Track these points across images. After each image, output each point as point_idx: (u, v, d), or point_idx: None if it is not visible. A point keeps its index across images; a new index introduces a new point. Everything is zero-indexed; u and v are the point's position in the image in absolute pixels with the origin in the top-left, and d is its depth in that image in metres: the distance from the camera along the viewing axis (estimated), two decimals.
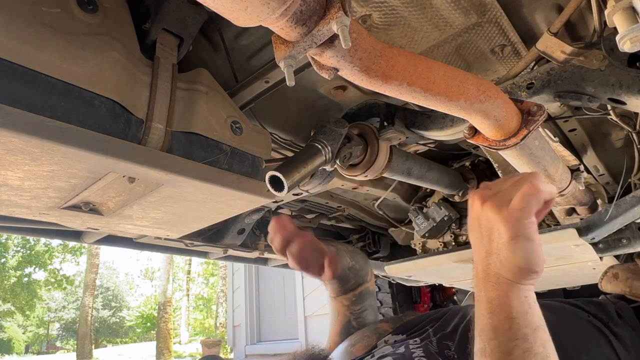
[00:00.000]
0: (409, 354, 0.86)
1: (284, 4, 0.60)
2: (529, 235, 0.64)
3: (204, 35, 1.36)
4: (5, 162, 0.96)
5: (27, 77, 0.89)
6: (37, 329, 32.81)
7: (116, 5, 1.09)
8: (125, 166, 1.03)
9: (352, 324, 1.21)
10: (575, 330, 1.02)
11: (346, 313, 1.22)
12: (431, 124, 1.45)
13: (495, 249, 0.66)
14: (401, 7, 1.15)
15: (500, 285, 0.65)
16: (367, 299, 1.24)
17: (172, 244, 2.03)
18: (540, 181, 0.68)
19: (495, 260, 0.66)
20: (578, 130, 1.74)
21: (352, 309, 1.22)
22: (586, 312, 1.10)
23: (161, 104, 1.13)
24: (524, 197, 0.65)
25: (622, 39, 0.78)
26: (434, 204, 2.12)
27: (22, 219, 1.38)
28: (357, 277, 1.24)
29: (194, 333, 26.88)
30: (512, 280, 0.64)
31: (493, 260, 0.66)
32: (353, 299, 1.23)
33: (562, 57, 1.15)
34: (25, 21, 0.90)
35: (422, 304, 3.78)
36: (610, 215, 1.58)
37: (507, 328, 0.62)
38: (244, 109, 1.43)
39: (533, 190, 0.66)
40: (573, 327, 1.03)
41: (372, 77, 0.77)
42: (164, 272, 14.69)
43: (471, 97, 0.91)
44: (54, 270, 23.31)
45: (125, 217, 1.37)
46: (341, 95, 1.56)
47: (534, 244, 0.64)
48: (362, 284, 1.25)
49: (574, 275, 2.39)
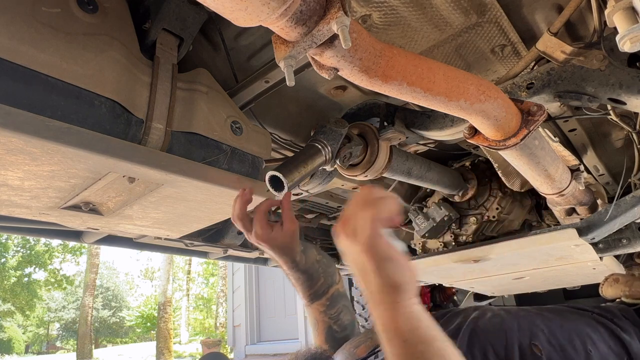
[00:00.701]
0: None
1: (284, 4, 0.60)
2: (386, 256, 0.67)
3: (204, 35, 1.36)
4: (5, 162, 0.95)
5: (27, 77, 0.89)
6: (37, 329, 32.81)
7: (116, 5, 1.09)
8: (125, 166, 1.03)
9: (333, 328, 1.22)
10: (578, 324, 1.02)
11: (325, 319, 1.23)
12: (431, 124, 1.45)
13: (369, 279, 0.67)
14: (401, 7, 1.15)
15: (386, 312, 0.65)
16: (340, 301, 1.26)
17: (172, 244, 2.03)
18: (378, 197, 0.70)
19: (373, 289, 0.67)
20: (578, 130, 1.74)
21: (329, 314, 1.23)
22: (590, 312, 1.10)
23: (161, 104, 1.13)
24: (370, 224, 0.68)
25: (622, 39, 0.78)
26: (434, 204, 2.12)
27: (22, 219, 1.37)
28: (326, 276, 1.25)
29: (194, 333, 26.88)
30: (392, 302, 0.65)
31: (372, 290, 0.67)
32: (327, 304, 1.24)
33: (562, 57, 1.15)
34: (25, 21, 0.90)
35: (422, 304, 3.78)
36: (610, 215, 1.58)
37: (405, 352, 0.62)
38: (244, 109, 1.43)
39: (374, 213, 0.69)
40: (576, 321, 1.03)
41: (372, 77, 0.77)
42: (164, 272, 14.69)
43: (471, 97, 0.91)
44: (54, 270, 23.31)
45: (125, 217, 1.37)
46: (341, 95, 1.56)
47: (394, 261, 0.67)
48: (332, 285, 1.26)
49: (574, 275, 2.39)
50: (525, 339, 0.90)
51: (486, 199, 2.09)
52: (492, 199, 2.08)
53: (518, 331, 0.93)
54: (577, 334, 0.97)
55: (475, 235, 2.11)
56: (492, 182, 2.10)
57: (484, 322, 0.97)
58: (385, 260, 0.66)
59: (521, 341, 0.89)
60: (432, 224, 2.09)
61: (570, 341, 0.94)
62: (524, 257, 1.96)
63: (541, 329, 0.94)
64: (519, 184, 1.82)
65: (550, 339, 0.92)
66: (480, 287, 2.86)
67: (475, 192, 2.08)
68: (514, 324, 0.96)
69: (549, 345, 0.90)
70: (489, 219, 2.08)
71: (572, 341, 0.94)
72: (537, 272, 2.27)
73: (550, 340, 0.92)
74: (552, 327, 0.97)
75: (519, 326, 0.95)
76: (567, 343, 0.93)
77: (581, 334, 0.97)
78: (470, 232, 2.10)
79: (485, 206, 2.09)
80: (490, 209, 2.08)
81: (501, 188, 2.07)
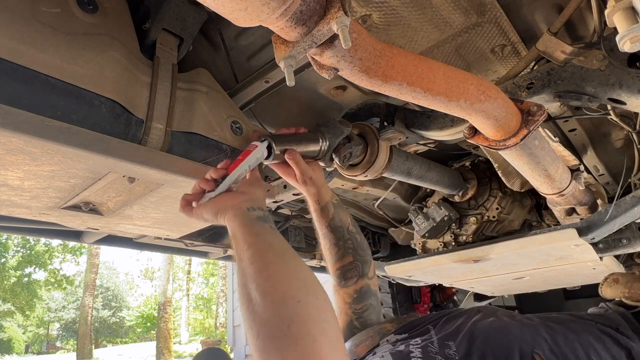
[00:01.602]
0: (407, 352, 0.86)
1: (284, 4, 0.60)
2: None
3: (204, 35, 1.36)
4: (5, 162, 0.95)
5: (27, 77, 0.89)
6: (37, 329, 32.80)
7: (116, 5, 1.09)
8: (125, 166, 1.03)
9: (354, 324, 1.21)
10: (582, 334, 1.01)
11: (348, 312, 1.22)
12: (431, 124, 1.45)
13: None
14: (401, 7, 1.15)
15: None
16: (369, 298, 1.24)
17: (172, 244, 2.03)
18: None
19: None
20: (578, 130, 1.74)
21: (354, 308, 1.22)
22: (594, 321, 1.09)
23: (161, 104, 1.13)
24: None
25: (622, 39, 0.78)
26: (434, 204, 2.12)
27: (22, 219, 1.37)
28: (356, 256, 1.25)
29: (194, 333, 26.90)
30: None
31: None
32: (355, 296, 1.23)
33: (562, 57, 1.15)
34: (25, 21, 0.90)
35: (422, 304, 3.78)
36: (610, 215, 1.58)
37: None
38: (244, 109, 1.43)
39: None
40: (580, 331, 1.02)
41: (372, 77, 0.78)
42: (164, 272, 14.70)
43: (471, 97, 0.91)
44: (54, 270, 23.29)
45: (125, 217, 1.37)
46: (341, 95, 1.56)
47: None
48: (362, 277, 1.24)
49: (574, 275, 2.39)
50: (528, 347, 0.89)
51: (486, 199, 2.09)
52: (492, 199, 2.08)
53: (520, 338, 0.91)
54: (581, 344, 0.96)
55: (475, 235, 2.11)
56: (492, 182, 2.10)
57: (485, 326, 0.96)
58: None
59: (523, 348, 0.88)
60: (432, 224, 2.09)
61: (573, 351, 0.93)
62: (524, 257, 1.96)
63: (544, 338, 0.93)
64: (519, 184, 1.82)
65: (553, 348, 0.91)
66: (480, 287, 2.86)
67: (475, 192, 2.08)
68: (516, 331, 0.95)
69: (551, 355, 0.89)
70: (489, 219, 2.08)
71: (575, 351, 0.93)
72: (537, 272, 2.27)
73: (553, 349, 0.91)
74: (556, 336, 0.96)
75: (521, 333, 0.94)
76: (570, 353, 0.92)
77: (585, 344, 0.97)
78: (470, 232, 2.10)
79: (485, 206, 2.09)
80: (490, 209, 2.08)
81: (501, 188, 2.07)
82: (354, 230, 1.28)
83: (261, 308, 0.68)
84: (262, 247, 0.79)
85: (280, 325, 0.66)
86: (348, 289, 1.23)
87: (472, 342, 0.89)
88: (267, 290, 0.70)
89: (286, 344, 0.64)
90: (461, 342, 0.89)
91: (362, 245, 1.28)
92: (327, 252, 1.26)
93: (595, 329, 1.05)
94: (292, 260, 0.78)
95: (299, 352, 0.63)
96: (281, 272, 0.74)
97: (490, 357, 0.85)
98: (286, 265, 0.76)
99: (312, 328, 0.66)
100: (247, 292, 0.72)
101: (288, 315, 0.67)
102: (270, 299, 0.69)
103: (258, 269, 0.74)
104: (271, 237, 0.83)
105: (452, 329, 0.94)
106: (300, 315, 0.67)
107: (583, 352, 0.94)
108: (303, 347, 0.64)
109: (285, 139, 1.11)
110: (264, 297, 0.69)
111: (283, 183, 1.59)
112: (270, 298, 0.69)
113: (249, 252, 0.78)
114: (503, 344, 0.89)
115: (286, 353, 0.63)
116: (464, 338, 0.90)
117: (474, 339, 0.90)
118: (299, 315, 0.67)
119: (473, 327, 0.94)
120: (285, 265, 0.76)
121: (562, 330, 1.00)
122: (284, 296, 0.70)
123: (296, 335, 0.65)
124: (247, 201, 0.91)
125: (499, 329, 0.95)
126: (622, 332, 1.06)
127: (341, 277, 1.24)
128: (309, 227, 2.58)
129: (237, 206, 0.89)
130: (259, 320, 0.68)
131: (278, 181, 1.59)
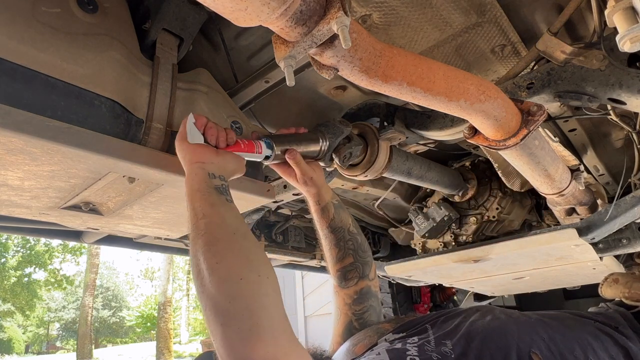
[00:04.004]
0: (403, 350, 0.86)
1: (284, 4, 0.60)
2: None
3: (204, 35, 1.36)
4: (5, 162, 0.95)
5: (27, 77, 0.89)
6: (37, 329, 32.81)
7: (116, 5, 1.09)
8: (125, 166, 1.03)
9: (353, 324, 1.20)
10: (580, 332, 1.01)
11: (348, 313, 1.22)
12: (431, 124, 1.45)
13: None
14: (401, 7, 1.15)
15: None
16: (369, 299, 1.24)
17: (172, 244, 2.03)
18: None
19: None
20: (578, 130, 1.74)
21: (354, 309, 1.22)
22: (593, 320, 1.09)
23: (161, 104, 1.13)
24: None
25: (622, 39, 0.78)
26: (434, 204, 2.12)
27: (22, 219, 1.37)
28: (356, 257, 1.25)
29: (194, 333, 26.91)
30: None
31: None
32: (355, 297, 1.23)
33: (562, 57, 1.15)
34: (25, 21, 0.90)
35: (422, 304, 3.78)
36: (610, 215, 1.58)
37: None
38: (244, 109, 1.43)
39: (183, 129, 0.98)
40: (578, 330, 1.02)
41: (372, 77, 0.78)
42: (164, 272, 14.71)
43: (471, 97, 0.91)
44: (54, 270, 23.29)
45: (125, 217, 1.37)
46: (341, 95, 1.56)
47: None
48: (363, 278, 1.24)
49: (574, 275, 2.39)
50: (525, 347, 0.89)
51: (486, 199, 2.09)
52: (492, 199, 2.08)
53: (518, 337, 0.92)
54: (578, 343, 0.96)
55: (475, 235, 2.11)
56: (492, 182, 2.10)
57: (482, 326, 0.95)
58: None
59: (520, 347, 0.88)
60: (432, 224, 2.09)
61: (570, 350, 0.93)
62: (524, 257, 1.96)
63: (542, 337, 0.93)
64: (519, 184, 1.82)
65: (550, 347, 0.91)
66: (480, 287, 2.86)
67: (475, 192, 2.08)
68: (514, 330, 0.95)
69: (549, 353, 0.89)
70: (489, 219, 2.08)
71: (573, 350, 0.93)
72: (537, 272, 2.27)
73: (551, 348, 0.91)
74: (553, 334, 0.96)
75: (519, 332, 0.94)
76: (568, 352, 0.92)
77: (582, 343, 0.97)
78: (470, 232, 2.10)
79: (485, 206, 2.09)
80: (490, 209, 2.08)
81: (501, 188, 2.07)
82: (355, 231, 1.28)
83: (208, 282, 0.75)
84: (215, 220, 0.83)
85: (223, 301, 0.72)
86: (348, 290, 1.23)
87: (469, 341, 0.89)
88: (213, 266, 0.76)
89: (227, 318, 0.71)
90: (458, 341, 0.89)
91: (362, 246, 1.28)
92: (327, 252, 1.26)
93: (594, 328, 1.05)
94: (242, 239, 0.83)
95: (238, 326, 0.70)
96: (228, 250, 0.79)
97: (487, 357, 0.86)
98: (234, 243, 0.81)
99: (252, 303, 0.73)
100: (197, 262, 0.78)
101: (230, 292, 0.73)
102: (216, 274, 0.75)
103: (207, 241, 0.80)
104: (225, 211, 0.87)
105: (449, 328, 0.94)
106: (241, 291, 0.74)
107: (581, 351, 0.94)
108: (242, 321, 0.70)
109: (286, 139, 1.11)
110: (210, 273, 0.75)
111: (283, 183, 1.60)
112: (217, 274, 0.75)
113: (202, 223, 0.82)
114: (501, 344, 0.89)
115: (227, 328, 0.70)
116: (462, 337, 0.90)
117: (471, 339, 0.90)
118: (240, 291, 0.74)
119: (471, 327, 0.94)
120: (233, 243, 0.81)
121: (560, 328, 1.00)
122: (228, 272, 0.76)
123: (237, 310, 0.71)
124: (213, 166, 0.94)
125: (497, 328, 0.95)
126: (621, 332, 1.06)
127: (341, 278, 1.24)
128: (309, 227, 2.58)
129: (201, 167, 0.92)
130: (207, 293, 0.74)
131: (278, 181, 1.60)
